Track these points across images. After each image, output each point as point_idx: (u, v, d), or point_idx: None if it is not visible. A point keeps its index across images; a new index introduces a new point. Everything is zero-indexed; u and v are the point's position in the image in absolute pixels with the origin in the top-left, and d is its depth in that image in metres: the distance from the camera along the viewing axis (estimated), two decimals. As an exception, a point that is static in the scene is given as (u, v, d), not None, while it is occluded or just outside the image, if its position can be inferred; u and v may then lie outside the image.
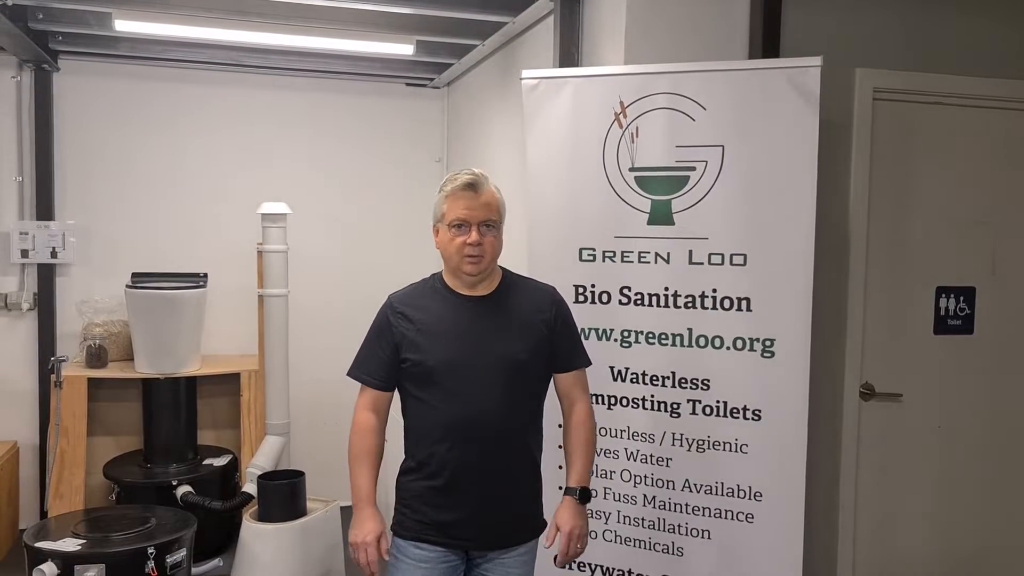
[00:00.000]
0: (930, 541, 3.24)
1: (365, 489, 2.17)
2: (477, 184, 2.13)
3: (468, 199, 2.12)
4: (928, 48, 3.12)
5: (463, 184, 2.13)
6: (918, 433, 3.19)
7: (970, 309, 3.21)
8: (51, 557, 3.19)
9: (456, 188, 2.14)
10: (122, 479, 4.13)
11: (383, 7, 3.63)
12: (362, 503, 2.16)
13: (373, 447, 2.20)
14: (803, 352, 2.59)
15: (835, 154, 2.99)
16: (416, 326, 2.17)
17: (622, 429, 2.78)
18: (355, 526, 2.17)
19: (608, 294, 2.78)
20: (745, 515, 2.66)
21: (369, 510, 2.16)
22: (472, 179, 2.14)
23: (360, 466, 2.18)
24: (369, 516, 2.15)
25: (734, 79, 2.64)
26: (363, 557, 2.14)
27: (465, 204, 2.12)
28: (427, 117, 5.16)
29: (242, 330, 4.61)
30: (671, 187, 2.68)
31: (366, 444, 2.20)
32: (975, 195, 3.19)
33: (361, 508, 2.16)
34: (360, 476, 2.18)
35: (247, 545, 3.64)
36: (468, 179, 2.14)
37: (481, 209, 2.12)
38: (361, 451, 2.19)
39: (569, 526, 2.17)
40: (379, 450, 2.22)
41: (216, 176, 4.80)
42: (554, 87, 2.81)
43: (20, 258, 4.48)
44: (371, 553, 2.12)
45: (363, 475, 2.18)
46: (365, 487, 2.17)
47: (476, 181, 2.14)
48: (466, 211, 2.12)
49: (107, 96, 4.64)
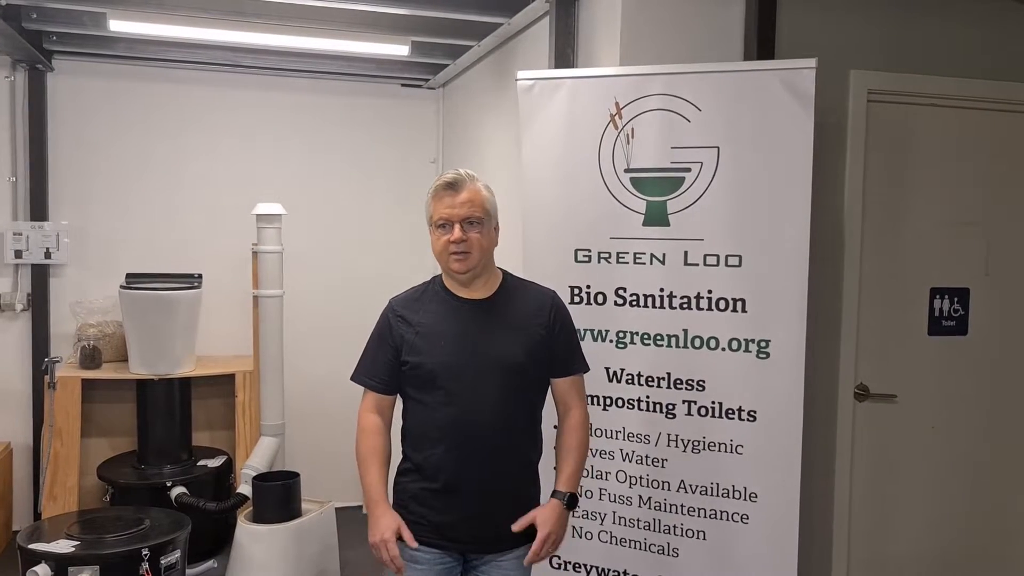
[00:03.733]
0: (925, 541, 3.25)
1: (376, 489, 2.17)
2: (457, 183, 2.16)
3: (449, 198, 2.15)
4: (922, 50, 3.13)
5: (443, 184, 2.17)
6: (912, 434, 3.20)
7: (964, 310, 3.22)
8: (45, 559, 3.18)
9: (438, 188, 2.18)
10: (116, 480, 4.13)
11: (378, 8, 3.63)
12: (374, 503, 2.16)
13: (380, 447, 2.21)
14: (798, 353, 2.60)
15: (829, 155, 3.00)
16: (415, 329, 2.19)
17: (617, 430, 2.79)
18: (371, 527, 2.16)
19: (603, 295, 2.78)
20: (740, 516, 2.66)
21: (382, 507, 2.15)
22: (452, 178, 2.17)
23: (369, 467, 2.19)
24: (383, 513, 2.15)
25: (729, 81, 2.65)
26: (384, 555, 2.12)
27: (447, 203, 2.15)
28: (422, 118, 5.16)
29: (237, 331, 4.62)
30: (666, 188, 2.69)
31: (373, 445, 2.20)
32: (969, 196, 3.20)
33: (374, 508, 2.16)
34: (369, 477, 2.18)
35: (242, 546, 3.64)
36: (448, 179, 2.17)
37: (461, 206, 2.14)
38: (368, 452, 2.20)
39: (547, 529, 2.15)
40: (386, 450, 2.23)
41: (211, 177, 4.79)
42: (550, 88, 2.82)
43: (14, 258, 4.47)
44: (391, 549, 2.11)
45: (372, 475, 2.18)
46: (375, 487, 2.17)
47: (456, 180, 2.16)
48: (447, 210, 2.15)
49: (101, 96, 4.63)
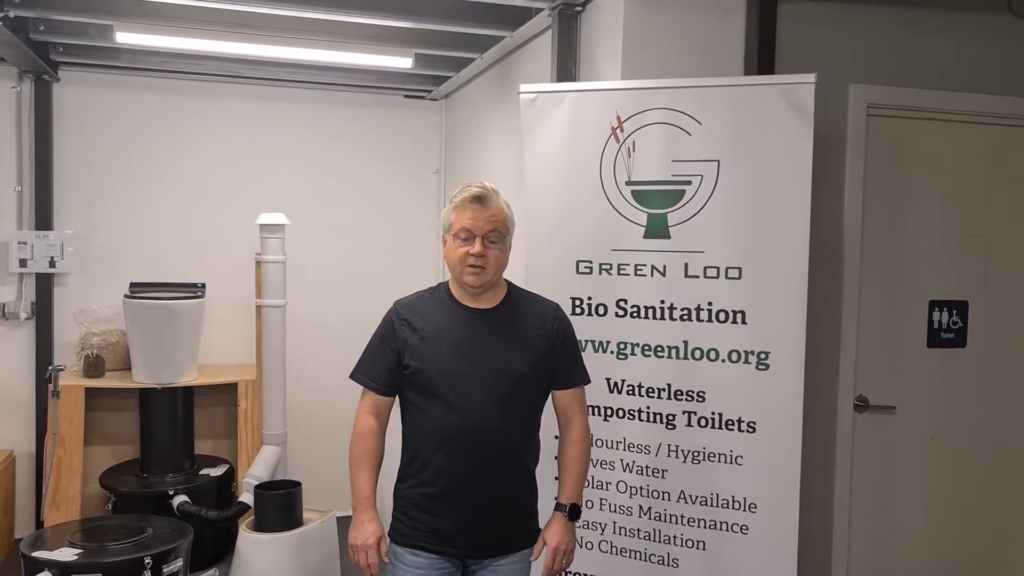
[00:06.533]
0: (924, 552, 3.25)
1: (365, 492, 2.19)
2: (485, 197, 2.17)
3: (475, 211, 2.16)
4: (921, 65, 3.15)
5: (471, 196, 2.17)
6: (912, 445, 3.21)
7: (963, 322, 3.24)
8: (48, 567, 3.19)
9: (464, 199, 2.18)
10: (118, 488, 4.14)
11: (382, 21, 3.65)
12: (361, 506, 2.18)
13: (373, 451, 2.22)
14: (798, 365, 2.61)
15: (829, 169, 3.02)
16: (419, 334, 2.20)
17: (618, 440, 2.80)
18: (355, 528, 2.19)
19: (604, 306, 2.80)
20: (740, 526, 2.67)
21: (369, 513, 2.18)
22: (481, 192, 2.18)
23: (360, 470, 2.21)
24: (369, 519, 2.17)
25: (729, 95, 2.67)
26: (363, 559, 2.16)
27: (471, 215, 2.16)
28: (425, 129, 5.19)
29: (239, 340, 4.63)
30: (667, 201, 2.71)
31: (366, 448, 2.22)
32: (967, 209, 3.22)
33: (361, 511, 2.18)
34: (360, 479, 2.20)
35: (243, 555, 3.64)
36: (477, 192, 2.18)
37: (486, 221, 2.16)
38: (361, 455, 2.22)
39: (555, 541, 2.21)
40: (379, 454, 2.24)
41: (215, 187, 4.82)
42: (552, 101, 2.84)
43: (18, 267, 4.49)
44: (371, 555, 2.15)
45: (363, 478, 2.20)
46: (365, 490, 2.19)
47: (484, 194, 2.18)
48: (471, 222, 2.16)
49: (107, 106, 4.66)
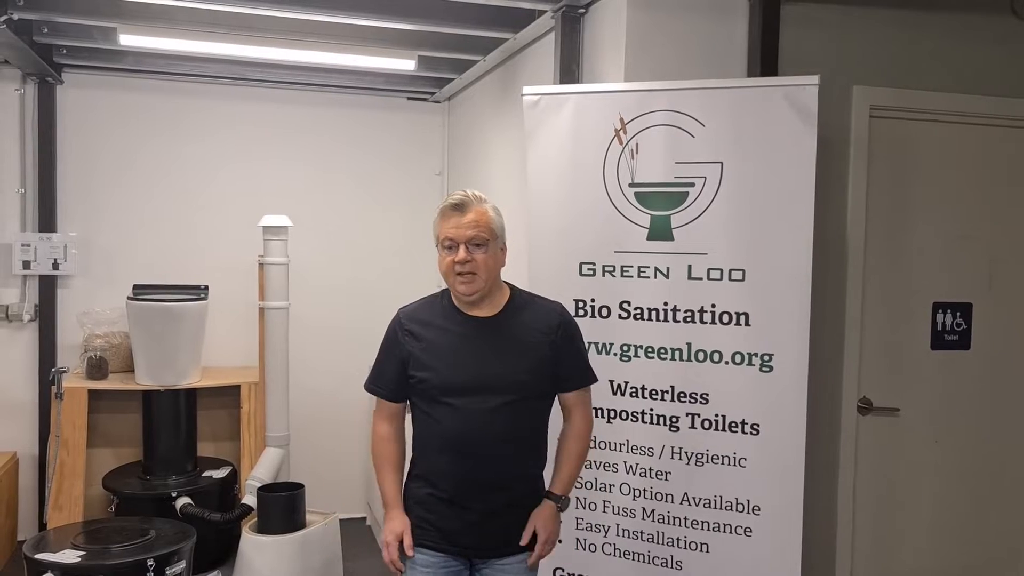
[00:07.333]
0: (928, 554, 3.25)
1: (390, 493, 2.28)
2: (464, 204, 2.18)
3: (455, 218, 2.17)
4: (924, 67, 3.15)
5: (451, 205, 2.19)
6: (915, 447, 3.21)
7: (967, 324, 3.23)
8: (51, 569, 3.20)
9: (445, 208, 2.20)
10: (121, 490, 4.14)
11: (385, 23, 3.66)
12: (388, 506, 2.27)
13: (392, 454, 2.32)
14: (801, 367, 2.61)
15: (832, 170, 3.02)
16: (422, 344, 2.22)
17: (621, 443, 2.80)
18: (384, 527, 2.29)
19: (608, 308, 2.80)
20: (743, 529, 2.67)
21: (394, 511, 2.26)
22: (460, 199, 2.19)
23: (384, 473, 2.31)
24: (394, 516, 2.26)
25: (733, 96, 2.67)
26: (386, 556, 2.26)
27: (453, 223, 2.17)
28: (428, 131, 5.20)
29: (242, 342, 4.64)
30: (670, 203, 2.71)
31: (386, 452, 2.32)
32: (971, 211, 3.22)
33: (387, 510, 2.27)
34: (384, 481, 2.31)
35: (246, 557, 3.64)
36: (456, 200, 2.19)
37: (467, 227, 2.16)
38: (383, 459, 2.32)
39: (546, 534, 2.26)
40: (399, 456, 2.34)
41: (218, 189, 4.83)
42: (555, 103, 2.84)
43: (22, 269, 4.50)
44: (392, 552, 2.23)
45: (387, 480, 2.30)
46: (390, 491, 2.29)
47: (463, 201, 2.18)
48: (453, 230, 2.17)
49: (110, 109, 4.67)
